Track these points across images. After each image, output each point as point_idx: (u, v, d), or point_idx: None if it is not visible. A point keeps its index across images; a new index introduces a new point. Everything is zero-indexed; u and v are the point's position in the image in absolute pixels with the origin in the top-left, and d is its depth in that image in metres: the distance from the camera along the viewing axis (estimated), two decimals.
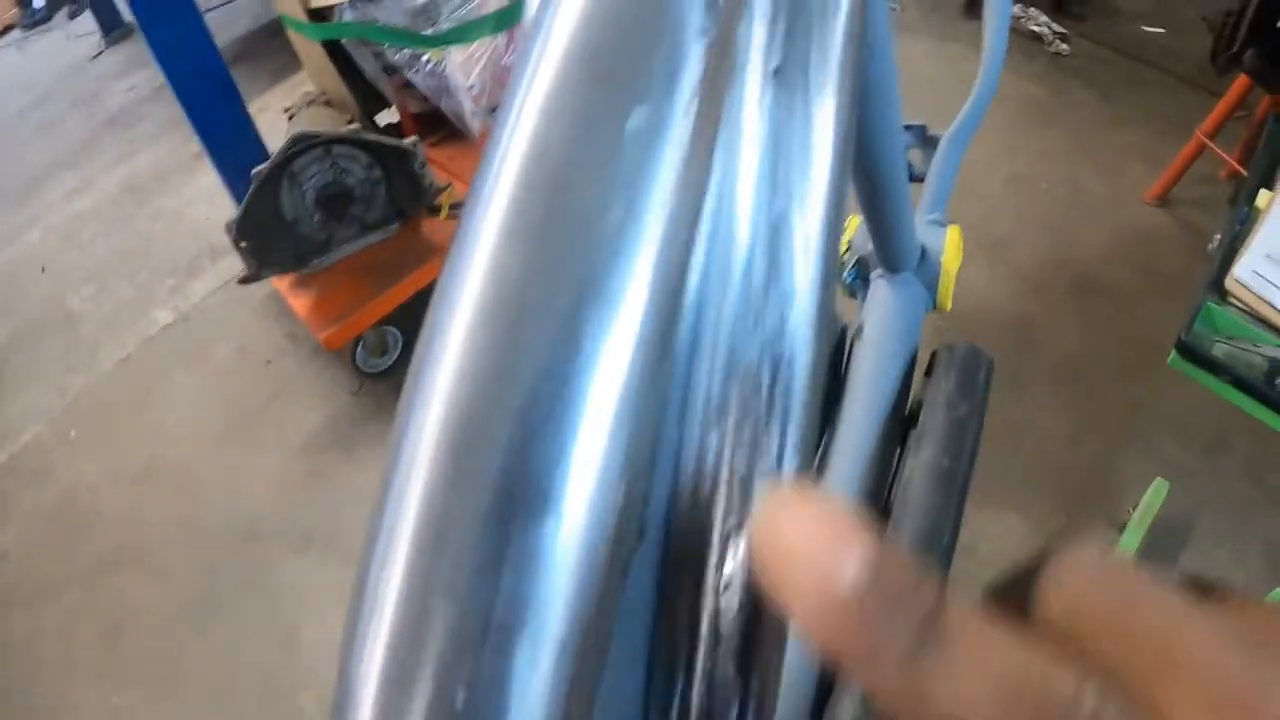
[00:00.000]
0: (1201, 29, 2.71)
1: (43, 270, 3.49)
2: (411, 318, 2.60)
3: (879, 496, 0.68)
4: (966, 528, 2.07)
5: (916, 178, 0.88)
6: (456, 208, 2.48)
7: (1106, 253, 2.69)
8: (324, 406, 2.59)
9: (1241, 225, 1.37)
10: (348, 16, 2.30)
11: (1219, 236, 1.35)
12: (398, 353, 2.58)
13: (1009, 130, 3.11)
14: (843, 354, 0.75)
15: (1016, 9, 3.50)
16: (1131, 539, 1.93)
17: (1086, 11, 3.50)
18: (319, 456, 2.48)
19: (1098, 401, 2.32)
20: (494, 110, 2.35)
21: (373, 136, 2.18)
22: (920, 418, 0.67)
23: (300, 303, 2.40)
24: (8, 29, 5.78)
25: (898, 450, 0.71)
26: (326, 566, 2.24)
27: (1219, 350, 1.18)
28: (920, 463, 0.65)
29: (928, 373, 0.72)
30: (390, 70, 2.41)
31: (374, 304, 2.37)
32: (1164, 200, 2.81)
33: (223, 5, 4.68)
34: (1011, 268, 2.65)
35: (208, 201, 3.29)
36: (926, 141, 0.90)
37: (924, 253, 0.74)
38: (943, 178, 0.85)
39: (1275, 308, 1.19)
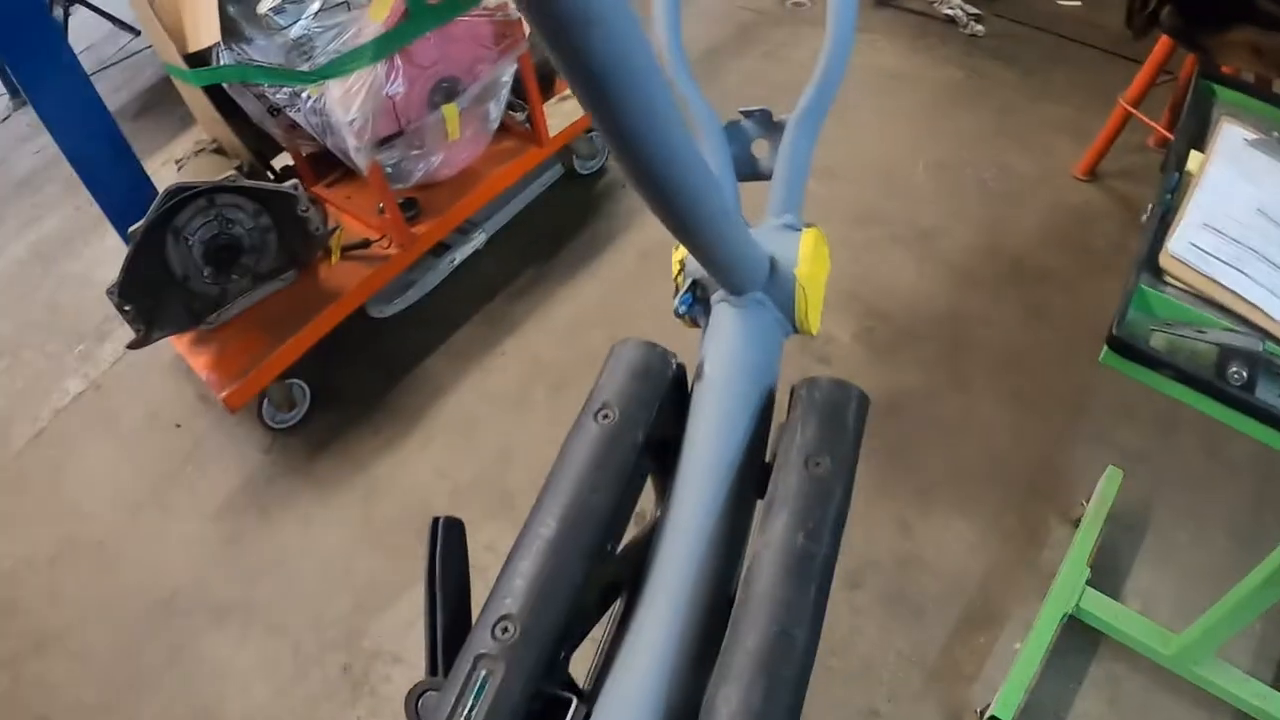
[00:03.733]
0: (1119, 1, 2.65)
1: None
2: (316, 368, 2.48)
3: (727, 582, 0.57)
4: (913, 538, 1.97)
5: (763, 174, 0.76)
6: (350, 249, 2.37)
7: (1039, 236, 2.62)
8: (237, 468, 2.46)
9: (1172, 194, 1.23)
10: (225, 59, 2.18)
11: (1151, 206, 1.22)
12: (306, 405, 2.45)
13: (928, 116, 3.04)
14: (684, 400, 0.64)
15: None
16: (1087, 534, 1.84)
17: None
18: (235, 521, 2.35)
19: (1042, 391, 2.23)
20: (381, 144, 2.26)
21: (250, 183, 2.07)
22: (771, 479, 0.55)
23: (200, 362, 2.28)
24: None
25: (752, 517, 0.60)
26: (246, 638, 2.11)
27: (1158, 340, 1.01)
28: (769, 542, 0.52)
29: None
30: (275, 111, 2.29)
31: (275, 357, 2.25)
32: (1093, 175, 2.74)
33: (125, 59, 4.55)
34: (941, 260, 2.57)
35: (113, 263, 3.09)
36: (773, 129, 0.77)
37: (774, 266, 0.62)
38: (792, 172, 0.72)
39: (1219, 283, 1.02)
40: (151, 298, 2.09)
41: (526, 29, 2.33)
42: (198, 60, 2.25)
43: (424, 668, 0.55)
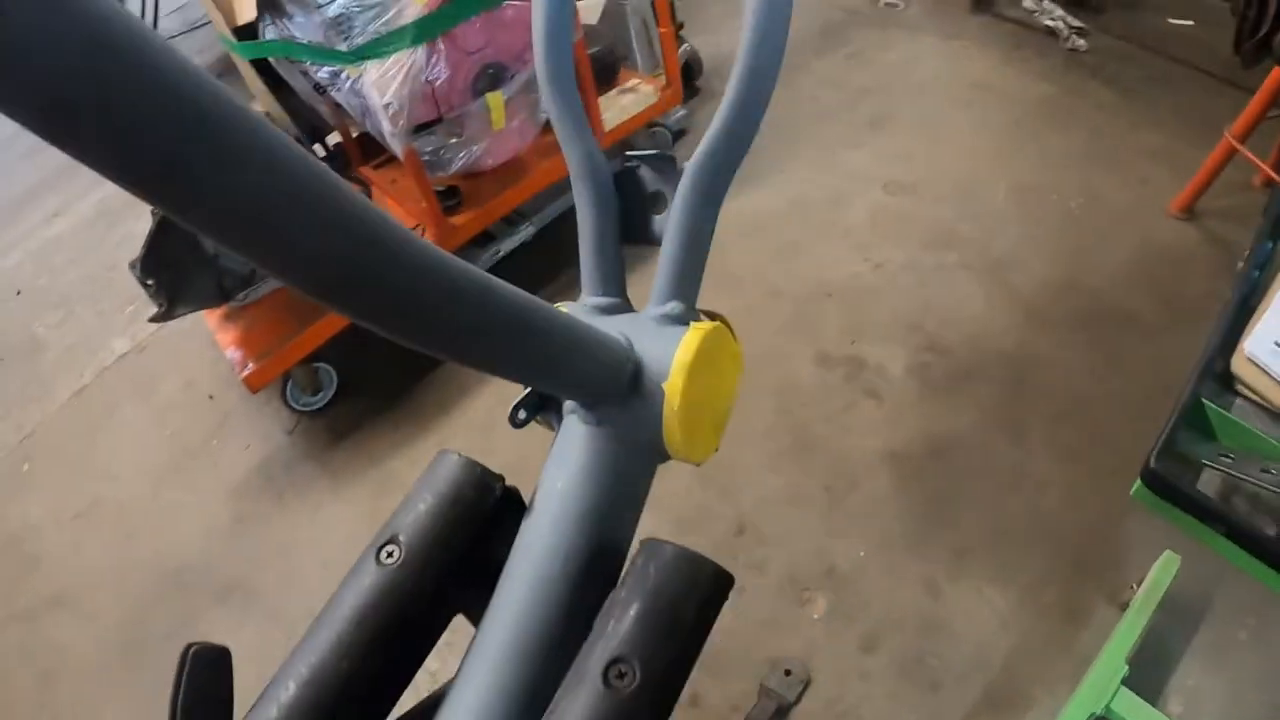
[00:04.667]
0: (1234, 22, 2.40)
1: (18, 294, 3.43)
2: (347, 354, 2.43)
3: None
4: (941, 601, 1.81)
5: (656, 239, 0.60)
6: None
7: (1123, 275, 2.39)
8: (260, 447, 2.44)
9: (1261, 270, 0.99)
10: (269, 34, 2.13)
11: (1240, 264, 0.97)
12: (332, 390, 2.41)
13: (1017, 134, 2.83)
14: (515, 526, 0.52)
15: (1028, 2, 3.19)
16: (1133, 625, 1.65)
17: (1106, 3, 3.18)
18: (250, 502, 2.33)
19: (1105, 451, 2.02)
20: (417, 130, 2.18)
21: None
22: (563, 684, 0.42)
23: (227, 338, 2.25)
24: None
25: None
26: (244, 621, 2.09)
27: (1210, 479, 0.78)
28: None
29: None
30: (320, 90, 2.23)
31: (300, 339, 2.21)
32: (1190, 212, 2.50)
33: (208, 24, 4.58)
34: (1012, 293, 2.37)
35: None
36: (676, 182, 0.59)
37: (640, 372, 0.49)
38: (683, 243, 0.55)
39: None
40: (177, 273, 2.06)
41: (582, 17, 2.22)
42: (247, 33, 2.20)
43: None
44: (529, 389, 0.54)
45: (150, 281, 1.99)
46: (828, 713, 1.71)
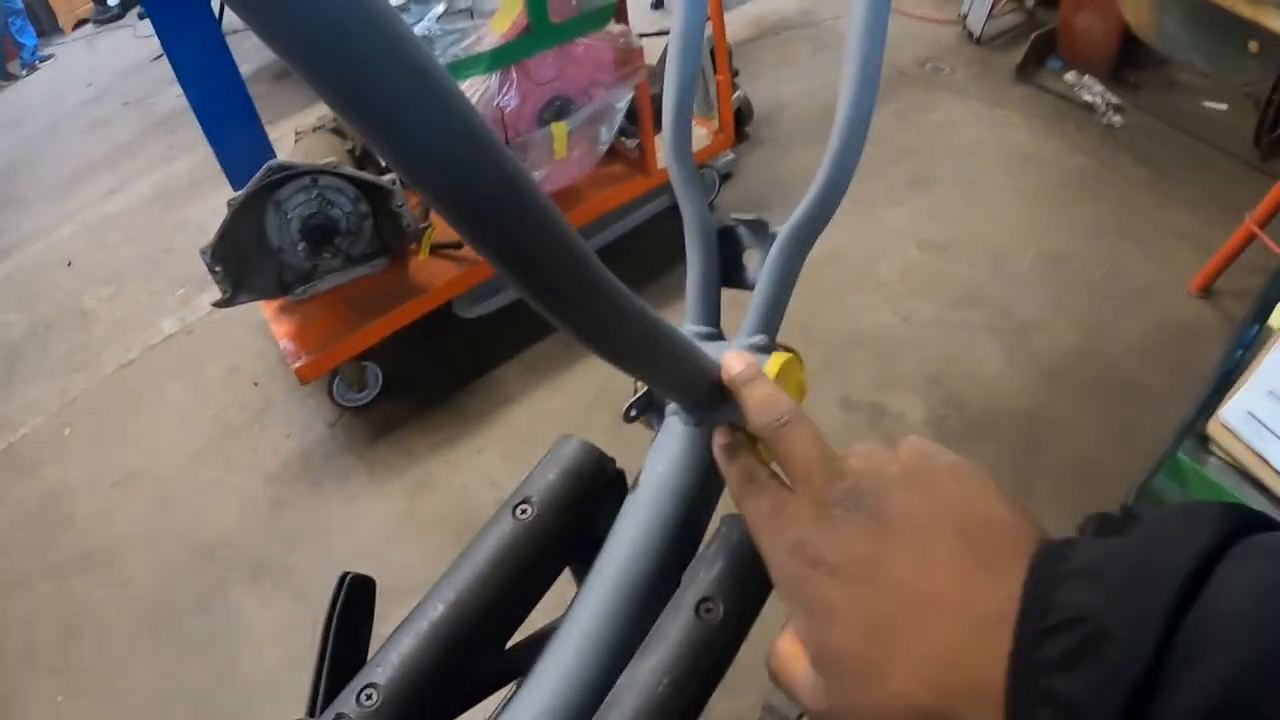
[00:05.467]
0: None
1: (69, 265, 3.55)
2: (394, 356, 2.54)
3: (599, 702, 0.55)
4: None
5: (749, 284, 0.73)
6: (441, 248, 2.41)
7: (1140, 347, 2.49)
8: (301, 436, 2.55)
9: (1244, 350, 1.13)
10: None
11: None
12: (377, 390, 2.52)
13: (1050, 204, 2.93)
14: (619, 503, 0.63)
15: (1070, 76, 3.32)
16: None
17: (1144, 82, 3.30)
18: (288, 486, 2.43)
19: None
20: None
21: (351, 171, 2.13)
22: (661, 615, 0.53)
23: (282, 329, 2.36)
24: (82, 22, 5.97)
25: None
26: (274, 600, 2.18)
27: None
28: (631, 681, 0.50)
29: None
30: None
31: (352, 338, 2.31)
32: (1208, 291, 2.60)
33: None
34: (1032, 356, 2.47)
35: None
36: (766, 240, 0.73)
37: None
38: (772, 289, 0.68)
39: (1268, 462, 0.95)
40: (243, 263, 2.17)
41: (647, 58, 2.34)
42: None
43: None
44: (639, 394, 0.65)
45: (218, 268, 2.10)
46: None
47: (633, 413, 0.67)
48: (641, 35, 2.40)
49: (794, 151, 3.23)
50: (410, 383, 2.60)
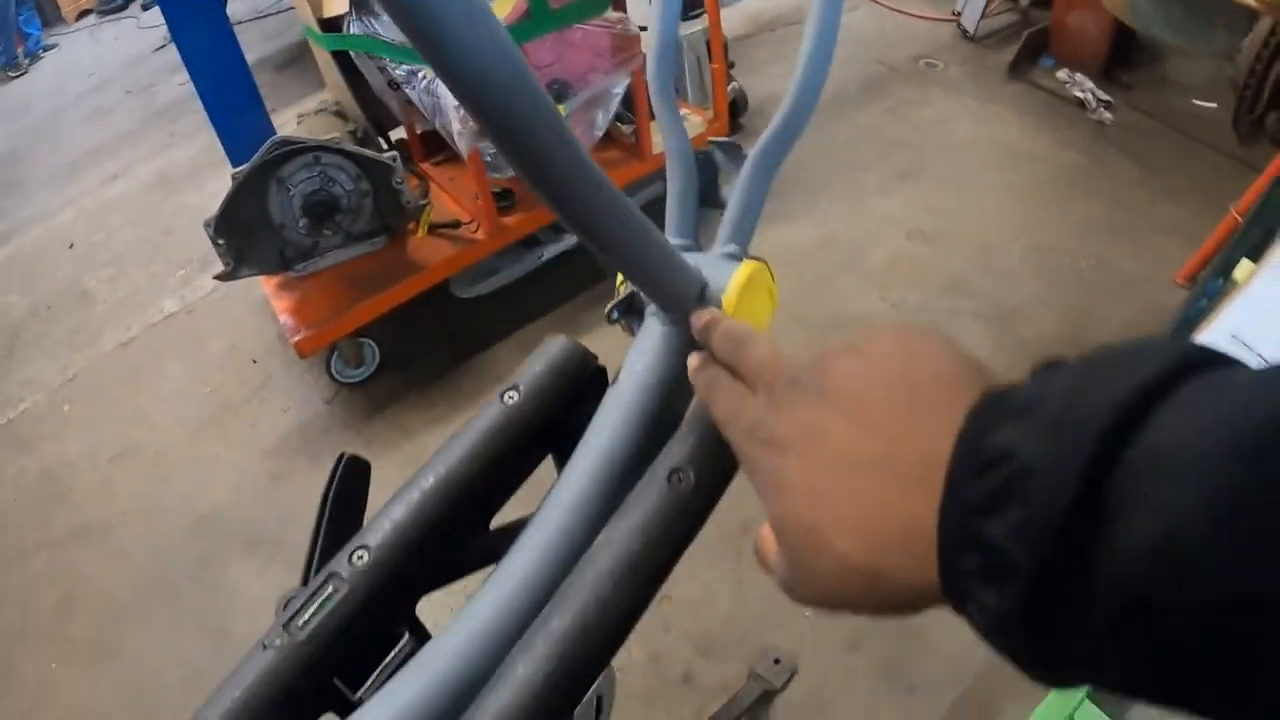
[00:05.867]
0: None
1: (70, 247, 3.59)
2: (391, 333, 2.58)
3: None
4: (925, 612, 1.94)
5: (723, 204, 0.78)
6: (439, 227, 2.45)
7: (1126, 333, 2.53)
8: (298, 411, 2.58)
9: (1208, 300, 1.17)
10: (354, 29, 2.30)
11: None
12: (374, 366, 2.56)
13: (1040, 198, 2.98)
14: (599, 400, 0.67)
15: (1062, 74, 3.37)
16: None
17: (1135, 80, 3.35)
18: (285, 461, 2.47)
19: None
20: (483, 131, 2.33)
21: (351, 147, 2.17)
22: (636, 486, 0.57)
23: (282, 305, 2.40)
24: (85, 13, 6.02)
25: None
26: (269, 571, 2.21)
27: None
28: (608, 540, 0.54)
29: None
30: (394, 85, 2.40)
31: (351, 314, 2.35)
32: (1194, 282, 2.64)
33: (282, 11, 4.79)
34: (1018, 342, 2.51)
35: None
36: (740, 162, 0.79)
37: (704, 291, 0.65)
38: (744, 203, 0.74)
39: None
40: (246, 237, 2.21)
41: (644, 45, 2.39)
42: (331, 25, 2.37)
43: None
44: (620, 298, 0.70)
45: (221, 241, 2.14)
46: (810, 702, 1.83)
47: (615, 315, 0.72)
48: (641, 28, 2.44)
49: None
50: (407, 360, 2.64)
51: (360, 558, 0.58)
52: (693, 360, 0.55)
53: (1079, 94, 3.28)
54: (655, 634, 1.95)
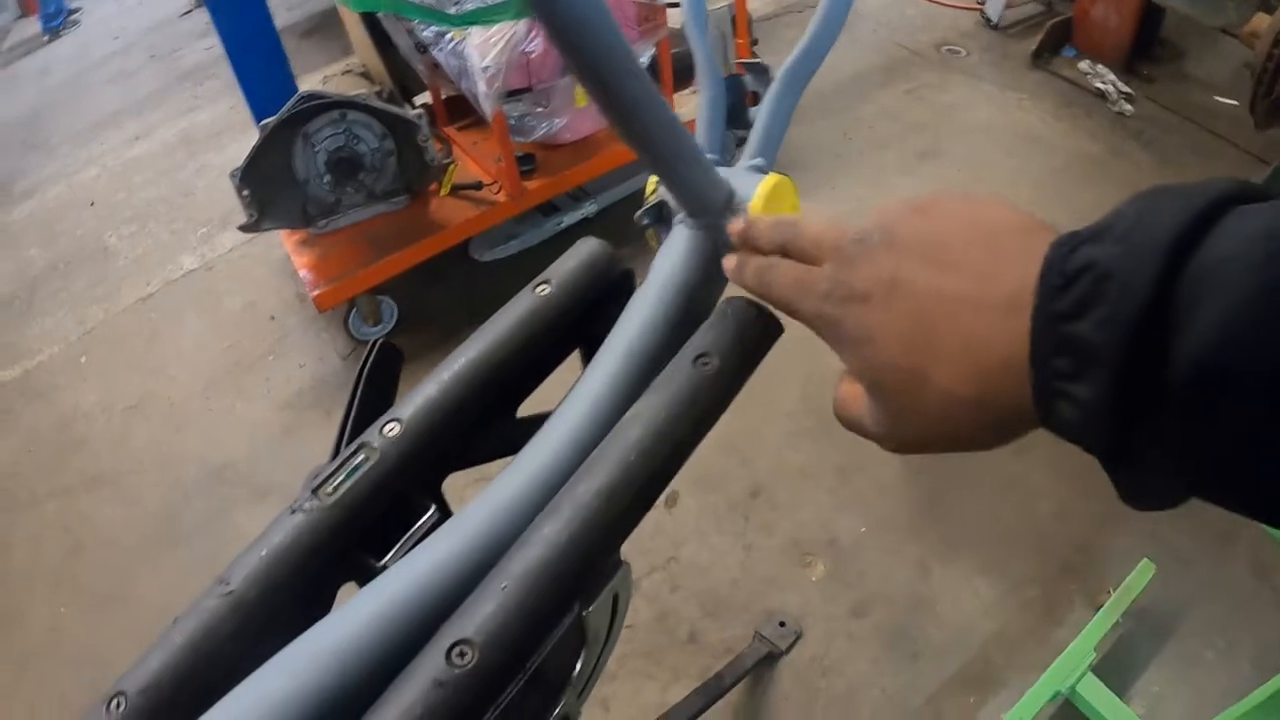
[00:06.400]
0: None
1: (91, 205, 3.62)
2: (409, 293, 2.60)
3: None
4: (930, 582, 1.94)
5: (749, 125, 0.81)
6: (461, 188, 2.47)
7: None
8: (314, 367, 2.61)
9: None
10: None
11: None
12: (392, 324, 2.58)
13: (1054, 185, 2.99)
14: (625, 302, 0.69)
15: (1084, 65, 3.37)
16: (1104, 619, 1.79)
17: (1157, 74, 3.35)
18: (299, 414, 2.49)
19: (1100, 477, 2.15)
20: (509, 95, 2.36)
21: (379, 104, 2.19)
22: (661, 371, 0.60)
23: (302, 260, 2.42)
24: None
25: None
26: None
27: None
28: (635, 415, 0.55)
29: None
30: (422, 49, 2.42)
31: (370, 270, 2.37)
32: None
33: None
34: None
35: None
36: (766, 83, 0.82)
37: (731, 199, 0.67)
38: (770, 120, 0.77)
39: None
40: (270, 190, 2.23)
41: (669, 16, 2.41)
42: None
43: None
44: (650, 204, 0.72)
45: (246, 192, 2.16)
46: (814, 666, 1.85)
47: (645, 220, 0.74)
48: (669, 4, 2.46)
49: (809, 118, 3.27)
50: (424, 320, 2.66)
51: (391, 430, 0.59)
52: (730, 260, 0.57)
53: (1100, 85, 3.28)
54: (663, 593, 1.97)
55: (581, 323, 0.68)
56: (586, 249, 0.70)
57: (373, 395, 0.67)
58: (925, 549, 2.01)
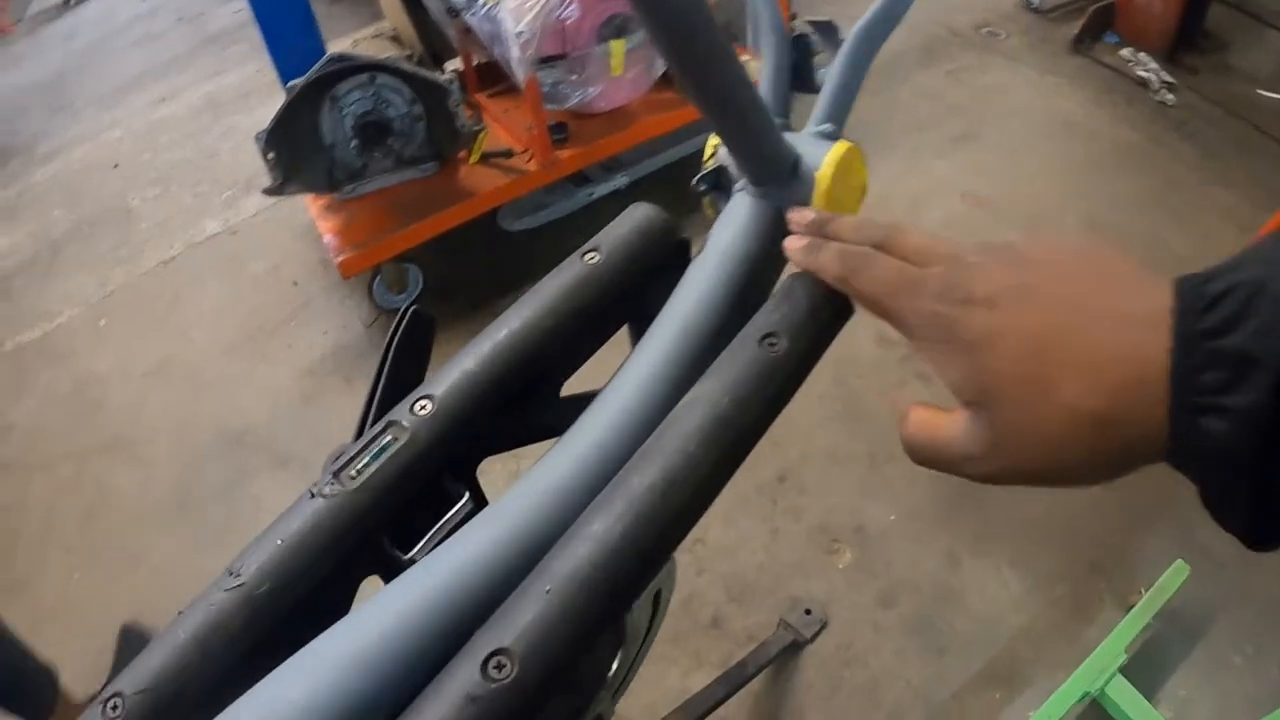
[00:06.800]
0: None
1: (115, 167, 3.59)
2: (436, 261, 2.57)
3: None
4: (959, 574, 1.90)
5: (815, 88, 0.76)
6: (492, 155, 2.43)
7: None
8: (336, 334, 2.58)
9: None
10: None
11: None
12: (416, 291, 2.55)
13: (1093, 172, 2.92)
14: (681, 272, 0.65)
15: (1125, 52, 3.30)
16: (1135, 620, 1.75)
17: (1200, 66, 3.27)
18: (320, 380, 2.47)
19: (1135, 474, 2.12)
20: (542, 62, 2.31)
21: (410, 67, 2.15)
22: (723, 351, 0.55)
23: (327, 225, 2.39)
24: None
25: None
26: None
27: None
28: (696, 398, 0.50)
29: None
30: (454, 13, 2.37)
31: (396, 237, 2.34)
32: None
33: None
34: None
35: None
36: (837, 44, 0.77)
37: (798, 165, 0.62)
38: (841, 85, 0.71)
39: None
40: (296, 153, 2.20)
41: None
42: None
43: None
44: (708, 170, 0.67)
45: (271, 154, 2.12)
46: (838, 656, 1.82)
47: (702, 187, 0.70)
48: None
49: None
50: (450, 289, 2.62)
51: (423, 407, 0.54)
52: (797, 240, 0.54)
53: (1142, 73, 3.21)
54: (688, 576, 1.94)
55: (632, 293, 0.64)
56: (641, 213, 0.65)
57: (403, 367, 0.61)
58: (954, 539, 1.98)
